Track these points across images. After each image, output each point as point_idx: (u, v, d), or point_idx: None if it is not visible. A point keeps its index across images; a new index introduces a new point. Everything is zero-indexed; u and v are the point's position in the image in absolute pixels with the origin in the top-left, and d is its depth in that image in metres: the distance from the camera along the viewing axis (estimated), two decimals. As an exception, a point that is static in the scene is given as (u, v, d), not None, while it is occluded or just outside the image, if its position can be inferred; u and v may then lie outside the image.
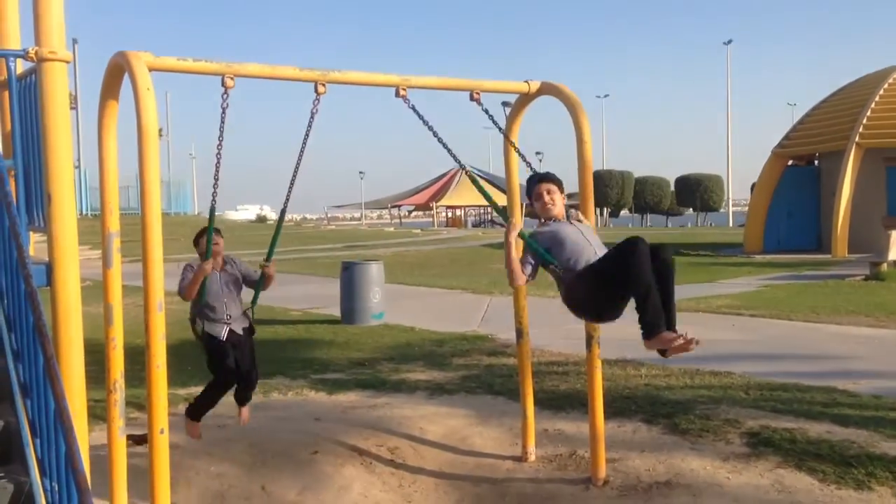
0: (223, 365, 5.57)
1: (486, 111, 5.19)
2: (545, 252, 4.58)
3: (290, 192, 5.31)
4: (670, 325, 4.33)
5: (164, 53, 4.17)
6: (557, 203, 4.82)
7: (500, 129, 5.41)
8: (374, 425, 6.42)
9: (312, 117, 4.76)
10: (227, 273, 5.75)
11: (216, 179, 4.71)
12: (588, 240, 4.66)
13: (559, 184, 4.88)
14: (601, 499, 5.11)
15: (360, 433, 6.17)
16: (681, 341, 4.24)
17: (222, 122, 4.45)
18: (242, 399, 5.95)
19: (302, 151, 4.99)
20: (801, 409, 6.51)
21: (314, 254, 27.79)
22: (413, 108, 4.82)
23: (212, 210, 5.01)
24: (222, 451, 5.73)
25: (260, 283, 5.70)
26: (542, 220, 4.87)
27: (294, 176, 5.19)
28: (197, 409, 5.73)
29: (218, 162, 4.64)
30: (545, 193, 4.81)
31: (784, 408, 6.55)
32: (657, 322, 4.23)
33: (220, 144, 4.54)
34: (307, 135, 4.89)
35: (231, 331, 5.60)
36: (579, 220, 4.92)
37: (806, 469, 5.23)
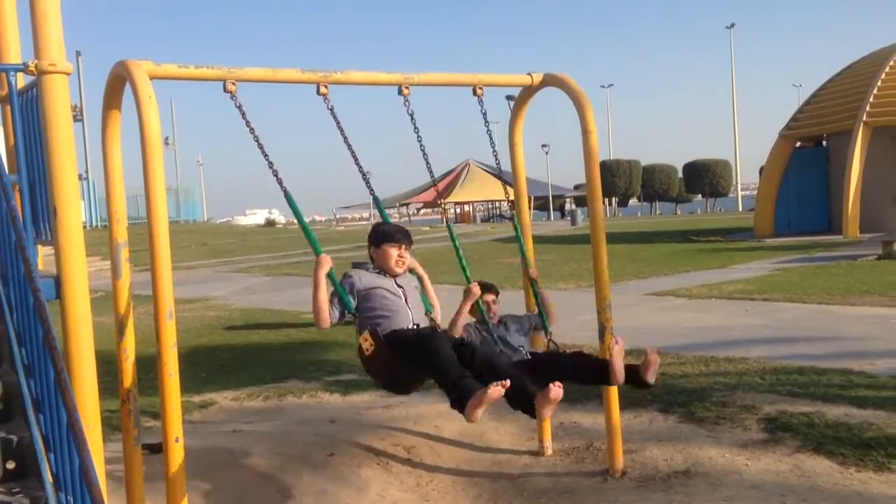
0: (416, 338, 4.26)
1: (484, 115, 5.18)
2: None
3: (370, 191, 5.17)
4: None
5: (169, 59, 4.17)
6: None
7: (488, 130, 5.37)
8: (389, 425, 6.41)
9: (338, 122, 4.67)
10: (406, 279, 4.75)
11: (278, 180, 4.32)
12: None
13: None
14: (619, 490, 5.09)
15: (376, 433, 6.17)
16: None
17: (247, 124, 4.27)
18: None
19: (352, 153, 4.83)
20: (817, 392, 6.47)
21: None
22: (411, 115, 4.82)
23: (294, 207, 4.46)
24: (239, 457, 5.72)
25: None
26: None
27: (365, 179, 5.03)
28: (457, 397, 4.15)
29: (269, 162, 4.32)
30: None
31: (801, 391, 6.51)
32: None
33: (258, 144, 4.30)
34: (343, 135, 4.72)
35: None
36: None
37: (825, 453, 5.19)
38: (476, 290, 4.89)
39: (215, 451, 5.88)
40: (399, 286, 4.55)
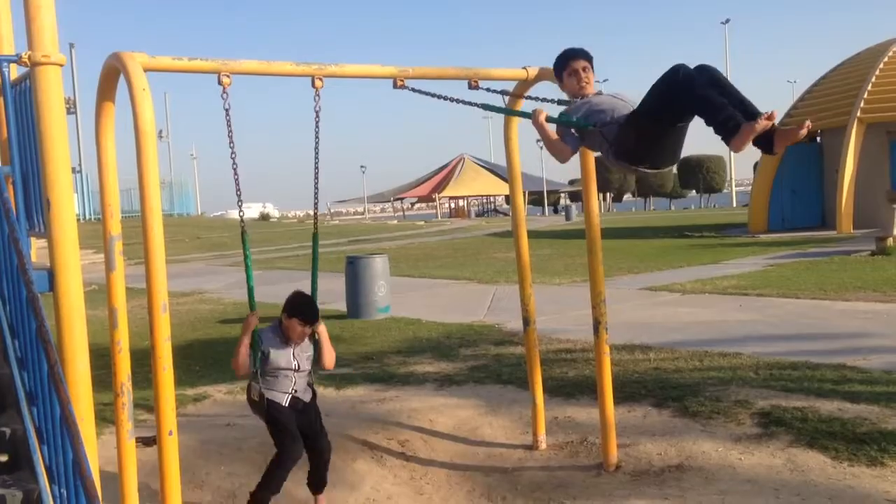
0: (287, 432, 4.76)
1: (484, 106, 5.13)
2: (583, 121, 4.24)
3: (316, 196, 5.10)
4: (752, 115, 3.78)
5: (163, 52, 4.15)
6: (591, 80, 4.47)
7: (505, 108, 5.27)
8: (383, 419, 6.41)
9: (318, 115, 4.71)
10: (301, 348, 4.99)
11: (238, 188, 4.55)
12: (623, 99, 4.31)
13: (592, 61, 4.52)
14: (613, 484, 5.10)
15: (370, 427, 6.16)
16: (766, 123, 3.72)
17: (228, 123, 4.38)
18: (318, 481, 4.96)
19: (317, 150, 4.82)
20: (811, 387, 6.49)
21: (319, 249, 27.75)
22: (413, 89, 4.78)
23: (242, 232, 4.72)
24: (233, 451, 5.72)
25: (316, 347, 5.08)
26: (572, 100, 4.51)
27: (317, 177, 4.96)
28: (259, 498, 4.72)
29: (234, 164, 4.53)
30: (581, 70, 4.43)
31: (794, 386, 6.53)
32: (732, 116, 3.78)
33: (231, 145, 4.45)
34: (317, 131, 4.78)
35: (295, 398, 4.90)
36: (600, 92, 4.52)
37: (818, 447, 5.21)
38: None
39: (209, 444, 5.87)
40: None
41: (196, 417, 6.87)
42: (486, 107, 4.85)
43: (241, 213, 4.96)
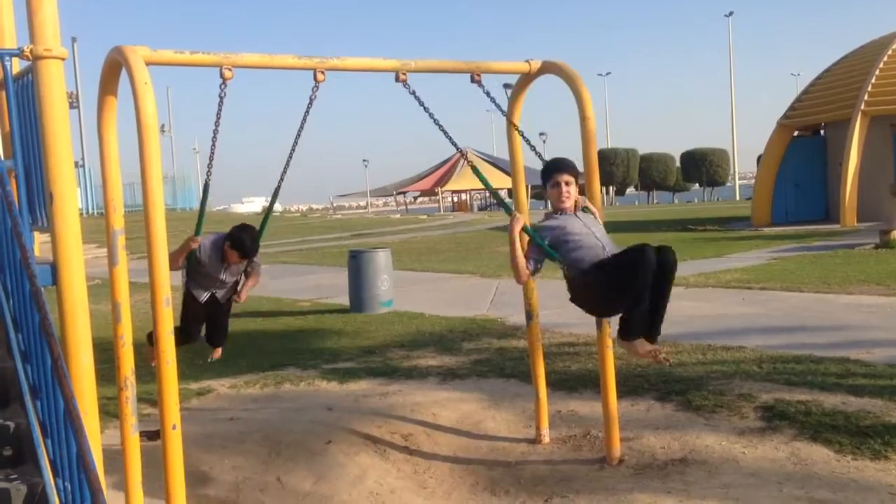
0: (190, 318, 6.25)
1: (488, 94, 5.18)
2: (550, 249, 4.57)
3: (282, 179, 5.52)
4: (653, 333, 4.47)
5: (167, 46, 4.16)
6: (573, 195, 4.75)
7: (502, 111, 5.39)
8: (386, 413, 6.41)
9: (311, 103, 4.78)
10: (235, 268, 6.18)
11: (209, 169, 5.07)
12: (594, 234, 4.63)
13: (577, 174, 4.81)
14: (617, 478, 5.10)
15: (374, 421, 6.17)
16: (654, 355, 4.45)
17: (219, 112, 4.50)
18: (214, 338, 6.73)
19: (297, 137, 5.10)
20: (815, 380, 6.48)
21: (321, 243, 27.81)
22: (414, 93, 4.80)
23: (201, 207, 5.80)
24: (236, 444, 5.73)
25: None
26: (551, 211, 4.81)
27: (289, 161, 5.33)
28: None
29: (212, 154, 4.89)
30: (563, 185, 4.72)
31: (798, 380, 6.52)
32: (636, 330, 4.42)
33: (215, 132, 4.65)
34: (304, 120, 4.99)
35: (213, 296, 6.17)
36: (586, 208, 4.85)
37: (822, 441, 5.20)
38: (522, 214, 4.93)
39: (213, 438, 5.88)
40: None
41: (200, 411, 6.88)
42: (481, 178, 5.25)
43: (209, 175, 5.33)
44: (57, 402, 2.83)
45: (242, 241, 5.86)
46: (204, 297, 6.18)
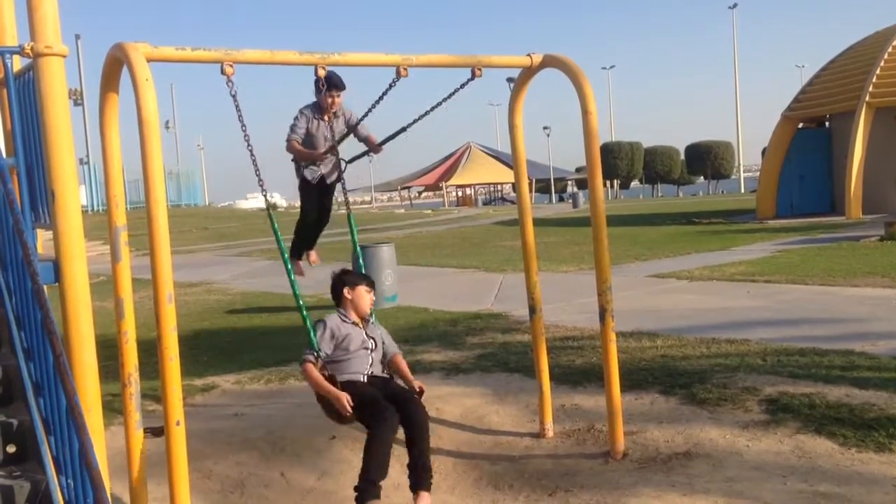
0: (373, 400, 4.87)
1: (462, 86, 5.21)
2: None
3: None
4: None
5: (170, 43, 4.15)
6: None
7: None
8: (390, 408, 6.40)
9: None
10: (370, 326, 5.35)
11: (254, 163, 4.87)
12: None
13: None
14: (620, 472, 5.10)
15: (378, 416, 6.16)
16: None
17: (237, 109, 4.51)
18: (418, 464, 4.93)
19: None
20: (819, 373, 6.47)
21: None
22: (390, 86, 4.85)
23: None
24: (240, 440, 5.74)
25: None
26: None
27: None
28: (366, 489, 4.69)
29: (250, 148, 4.76)
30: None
31: (802, 373, 6.50)
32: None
33: (244, 129, 4.63)
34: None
35: (371, 375, 5.08)
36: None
37: (826, 434, 5.19)
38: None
39: (217, 434, 5.89)
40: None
41: (204, 407, 6.89)
42: None
43: (269, 203, 5.42)
44: (59, 399, 2.84)
45: (351, 274, 5.40)
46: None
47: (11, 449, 3.38)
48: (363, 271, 5.62)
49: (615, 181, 68.18)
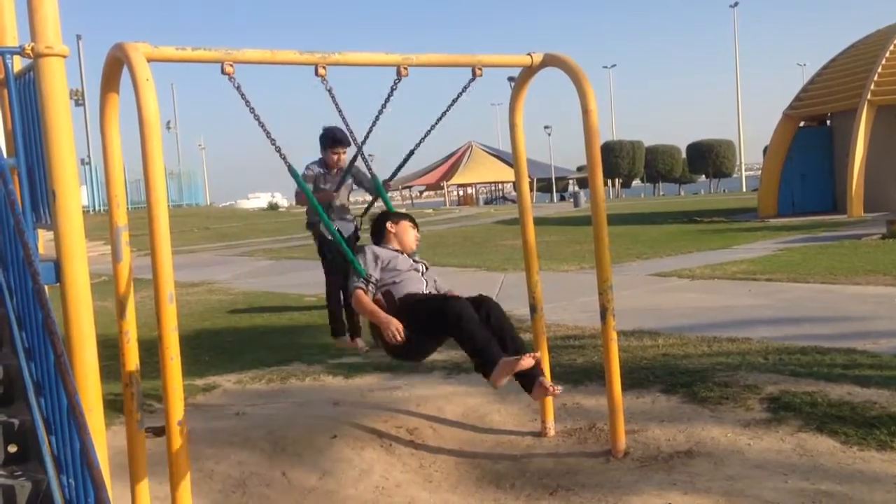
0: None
1: (465, 89, 5.22)
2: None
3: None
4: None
5: (172, 43, 4.16)
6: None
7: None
8: (392, 407, 6.42)
9: (334, 99, 4.87)
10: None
11: (283, 157, 4.81)
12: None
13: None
14: (622, 471, 5.10)
15: (379, 416, 6.18)
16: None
17: (249, 107, 4.50)
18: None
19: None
20: (820, 371, 6.46)
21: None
22: (391, 89, 4.88)
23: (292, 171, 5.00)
24: (242, 440, 5.74)
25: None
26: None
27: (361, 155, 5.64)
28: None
29: (272, 142, 4.68)
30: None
31: (804, 371, 6.50)
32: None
33: (262, 126, 4.59)
34: (341, 115, 5.18)
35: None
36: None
37: (828, 432, 5.19)
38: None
39: (219, 433, 5.89)
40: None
41: (205, 407, 6.90)
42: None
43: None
44: (60, 398, 2.84)
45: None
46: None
47: (13, 449, 3.39)
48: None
49: (616, 180, 68.14)
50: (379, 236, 5.16)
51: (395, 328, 4.55)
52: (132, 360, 4.48)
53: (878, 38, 24.81)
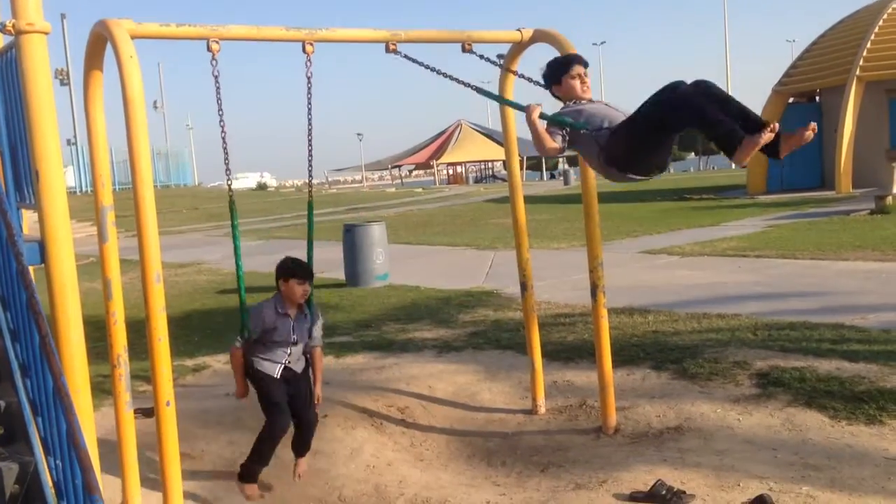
0: (275, 402, 4.72)
1: (483, 56, 5.10)
2: (576, 123, 4.23)
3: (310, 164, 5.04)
4: (759, 128, 3.78)
5: (156, 18, 4.09)
6: (589, 89, 4.49)
7: (499, 64, 5.27)
8: (383, 386, 6.41)
9: (309, 81, 4.61)
10: (302, 318, 5.02)
11: (226, 154, 4.53)
12: (617, 109, 4.33)
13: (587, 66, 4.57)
14: (612, 447, 5.11)
15: (370, 395, 6.17)
16: (769, 136, 3.75)
17: (217, 91, 4.29)
18: (301, 447, 4.90)
19: (310, 119, 4.73)
20: (809, 347, 6.49)
21: (317, 218, 27.63)
22: (406, 56, 4.71)
23: (231, 202, 4.74)
24: (232, 420, 5.73)
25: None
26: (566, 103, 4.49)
27: (310, 145, 4.91)
28: (250, 469, 4.68)
29: (223, 133, 4.45)
30: (584, 75, 4.45)
31: (792, 347, 6.53)
32: (733, 130, 3.78)
33: (220, 113, 4.36)
34: (309, 100, 4.63)
35: (286, 367, 4.82)
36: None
37: (816, 407, 5.22)
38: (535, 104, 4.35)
39: (209, 413, 5.88)
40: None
41: (195, 387, 6.89)
42: (480, 91, 4.87)
43: (231, 193, 4.77)
44: (46, 380, 2.81)
45: (290, 266, 4.98)
46: (277, 370, 4.79)
47: (0, 430, 3.36)
48: (312, 262, 5.10)
49: (606, 158, 68.02)
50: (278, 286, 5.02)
51: (240, 396, 4.87)
52: (120, 342, 4.45)
53: (867, 14, 24.76)
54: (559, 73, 4.51)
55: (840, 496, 4.06)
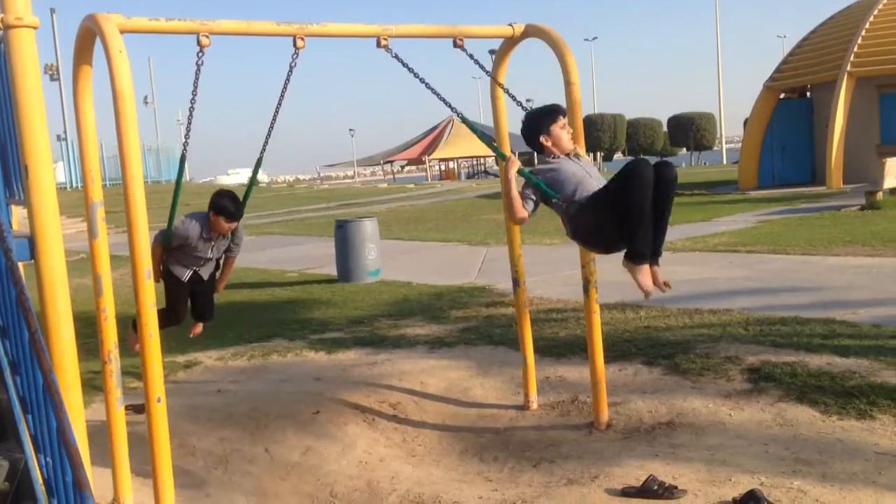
0: (172, 303, 5.99)
1: (472, 56, 5.11)
2: (548, 187, 4.41)
3: (264, 147, 5.40)
4: (654, 255, 4.27)
5: (146, 13, 4.07)
6: (572, 139, 4.66)
7: (486, 72, 5.32)
8: (374, 382, 6.41)
9: (291, 71, 4.66)
10: (222, 240, 6.04)
11: (186, 139, 4.88)
12: (589, 173, 4.49)
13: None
14: (604, 442, 5.12)
15: (362, 391, 6.17)
16: (655, 280, 4.23)
17: (195, 82, 4.34)
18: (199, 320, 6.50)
19: (279, 106, 4.95)
20: (800, 342, 6.50)
21: (308, 214, 27.70)
22: (396, 56, 4.72)
23: (179, 174, 5.52)
24: (224, 416, 5.72)
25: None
26: (546, 158, 4.64)
27: (270, 130, 5.23)
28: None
29: (189, 121, 4.65)
30: (566, 126, 4.60)
31: (784, 342, 6.54)
32: (643, 252, 4.18)
33: (193, 100, 4.42)
34: (285, 88, 4.80)
35: (195, 273, 6.01)
36: (577, 156, 4.73)
37: (807, 401, 5.23)
38: (516, 158, 4.60)
39: (200, 410, 5.86)
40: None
41: (187, 384, 6.86)
42: (465, 121, 5.32)
43: (185, 148, 5.15)
44: (36, 376, 2.79)
45: (224, 205, 5.75)
46: (187, 275, 5.97)
47: (-11, 428, 3.34)
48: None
49: (598, 153, 68.12)
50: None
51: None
52: (110, 338, 4.43)
53: (857, 10, 24.82)
54: (547, 122, 4.61)
55: (831, 490, 4.07)
